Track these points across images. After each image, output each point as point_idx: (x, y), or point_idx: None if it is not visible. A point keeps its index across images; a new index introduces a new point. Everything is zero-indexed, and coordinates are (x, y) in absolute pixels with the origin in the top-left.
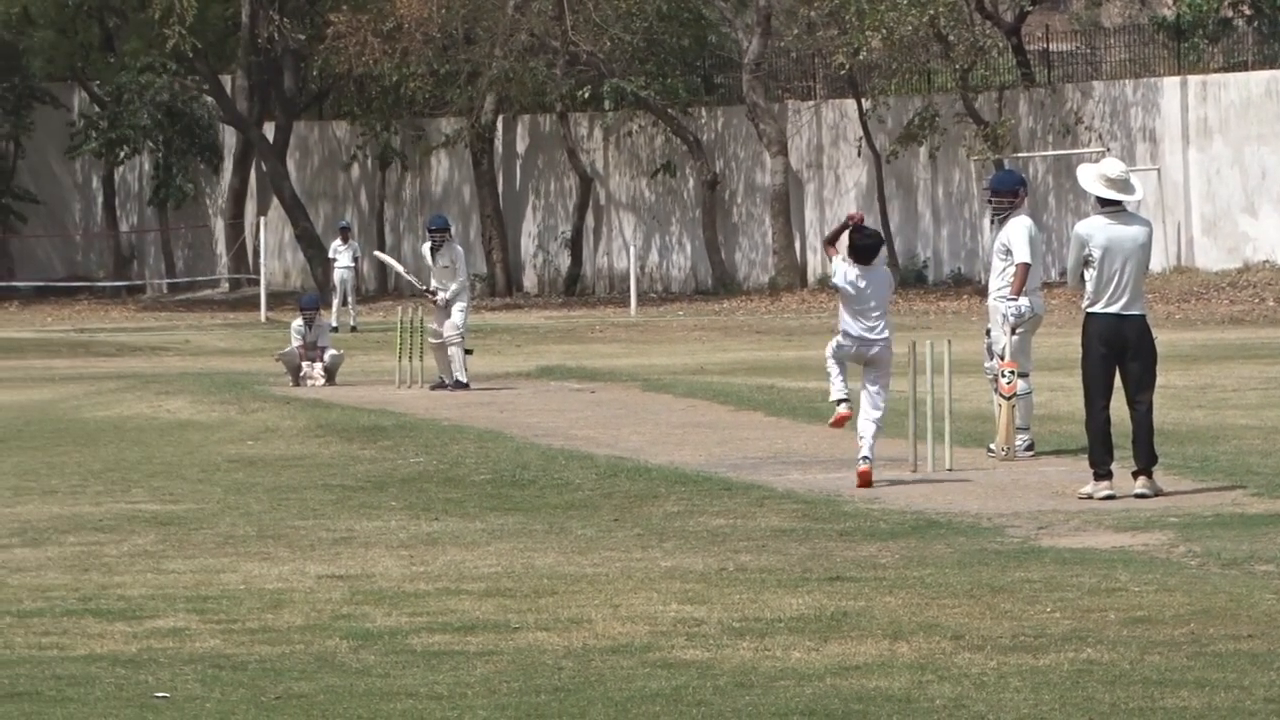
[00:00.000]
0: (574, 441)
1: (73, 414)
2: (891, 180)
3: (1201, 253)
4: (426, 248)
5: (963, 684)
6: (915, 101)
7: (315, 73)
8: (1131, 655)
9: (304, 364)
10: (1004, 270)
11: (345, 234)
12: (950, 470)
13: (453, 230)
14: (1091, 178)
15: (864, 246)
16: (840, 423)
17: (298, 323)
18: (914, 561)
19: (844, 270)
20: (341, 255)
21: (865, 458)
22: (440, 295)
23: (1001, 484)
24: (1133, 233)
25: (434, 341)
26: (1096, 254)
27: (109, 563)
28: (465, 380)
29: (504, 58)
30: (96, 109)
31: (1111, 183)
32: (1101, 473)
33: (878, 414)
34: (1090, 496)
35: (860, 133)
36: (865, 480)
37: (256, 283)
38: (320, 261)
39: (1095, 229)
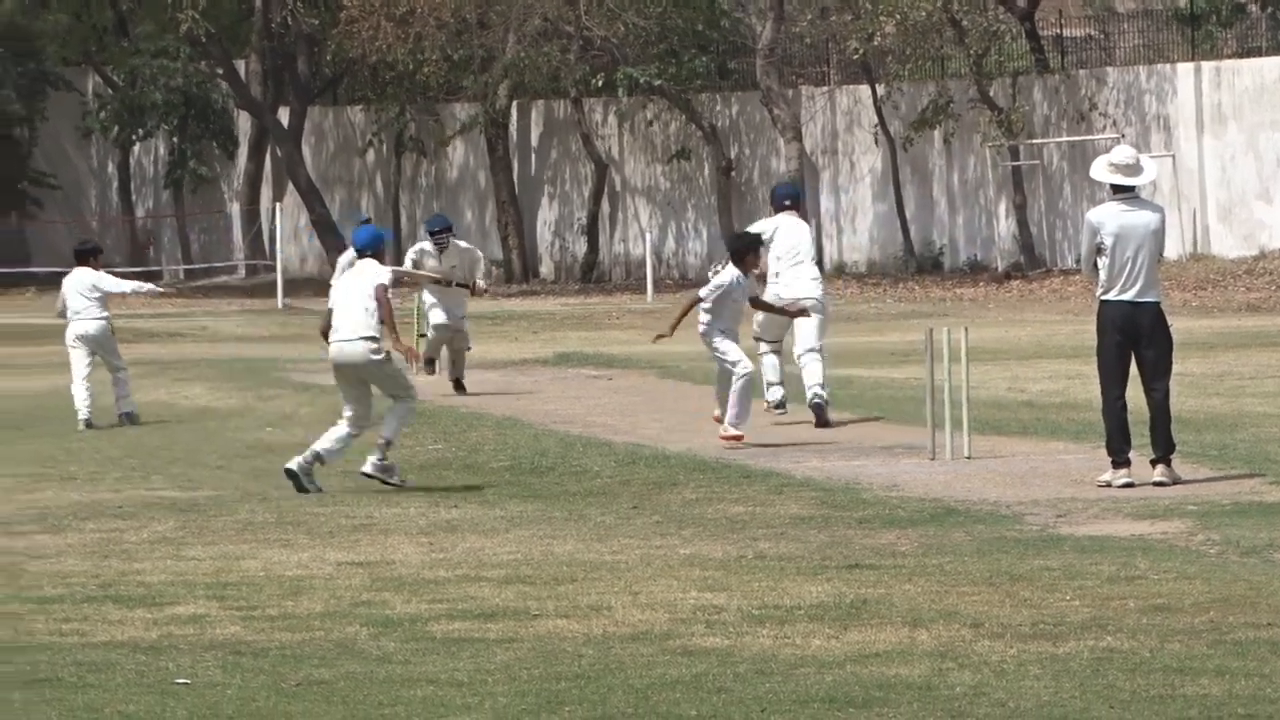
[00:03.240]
0: (592, 429)
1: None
2: (906, 166)
3: (1217, 240)
4: (426, 248)
5: (982, 672)
6: (930, 87)
7: (329, 58)
8: (1151, 643)
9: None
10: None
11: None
12: (969, 458)
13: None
14: (1100, 167)
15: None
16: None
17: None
18: (933, 549)
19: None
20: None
21: None
22: (481, 283)
23: (1020, 472)
24: (1145, 219)
25: (446, 325)
26: (1109, 241)
27: (129, 549)
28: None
29: (518, 43)
30: (110, 92)
31: (1118, 168)
32: (1120, 460)
33: None
34: (1109, 484)
35: (875, 119)
36: None
37: (273, 269)
38: (336, 248)
39: (1107, 216)
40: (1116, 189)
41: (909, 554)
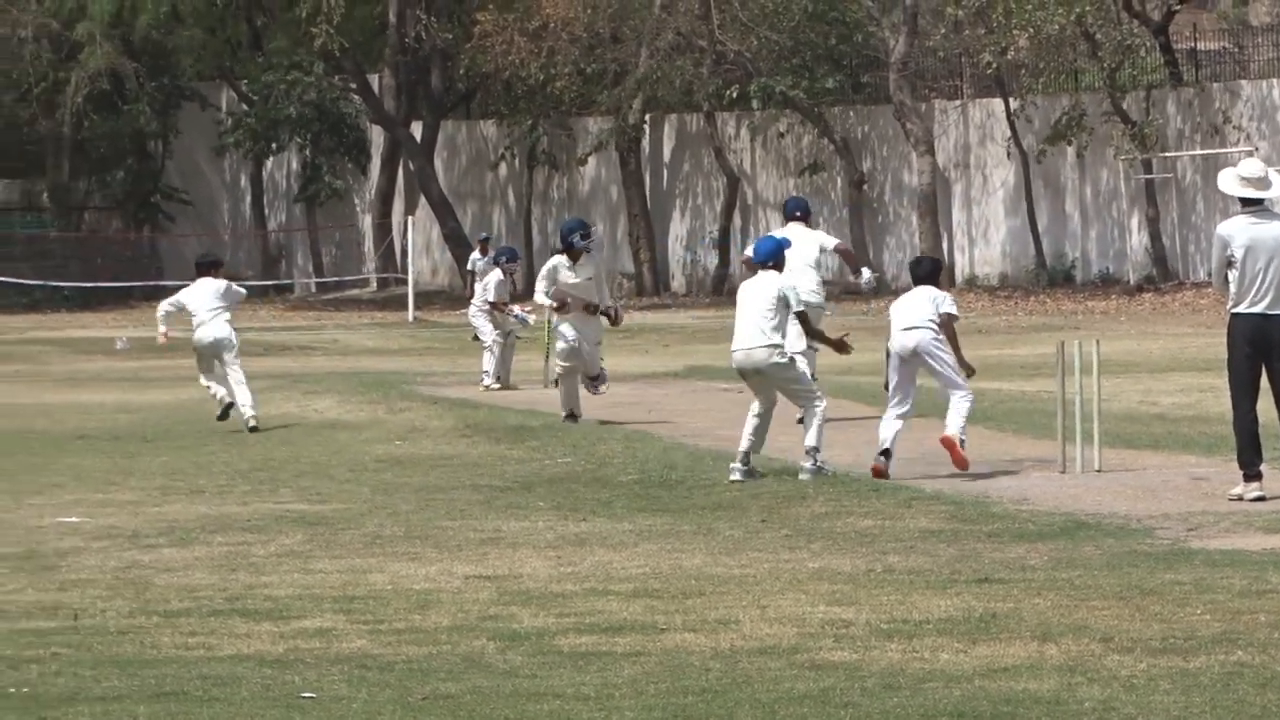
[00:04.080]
0: (721, 442)
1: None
2: (1039, 180)
3: None
4: (560, 262)
5: (1112, 686)
6: (1063, 101)
7: (462, 72)
8: None
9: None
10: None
11: (485, 246)
12: (1099, 471)
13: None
14: (1229, 180)
15: None
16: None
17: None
18: (1063, 563)
19: None
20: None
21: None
22: (617, 309)
23: (1151, 485)
24: (1275, 231)
25: (567, 366)
26: (1239, 254)
27: (256, 563)
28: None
29: (650, 57)
30: (244, 107)
31: (1248, 182)
32: (1251, 474)
33: None
34: (1240, 498)
35: (1008, 132)
36: None
37: (404, 282)
38: (465, 261)
39: (1236, 229)
40: (1246, 202)
41: (1038, 568)
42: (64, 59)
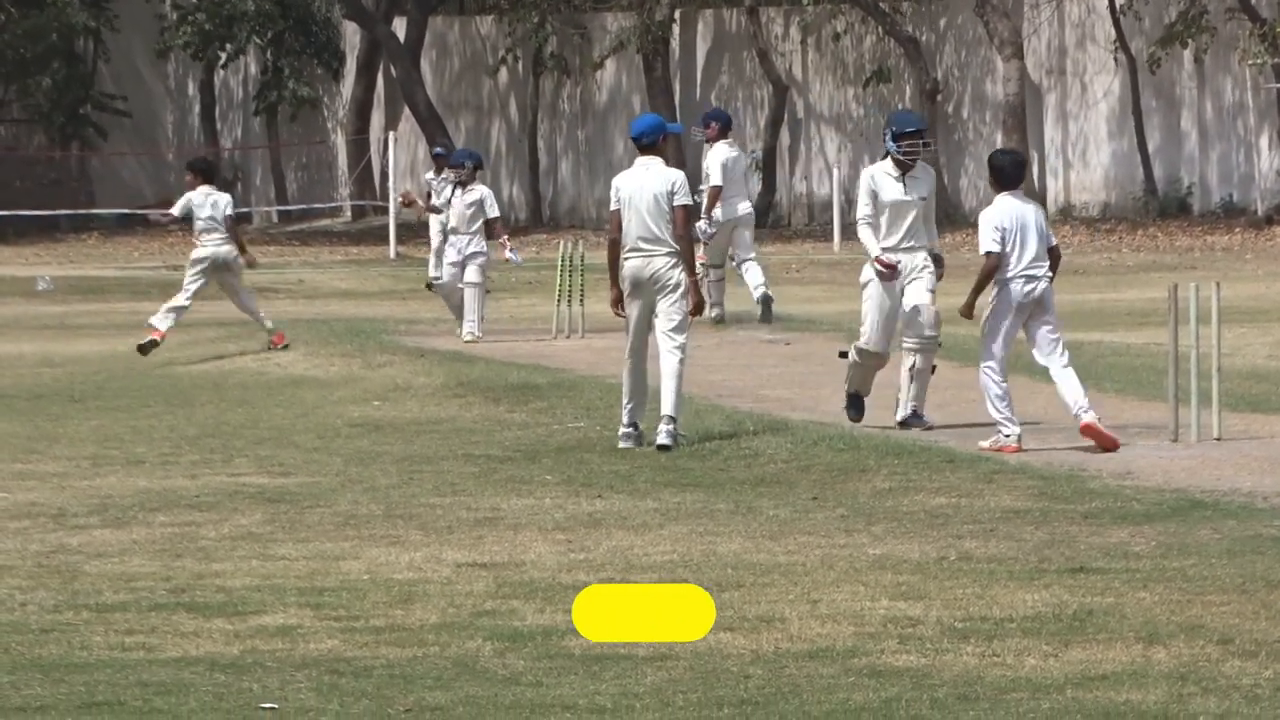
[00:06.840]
0: (765, 404)
1: (163, 368)
2: (1149, 90)
3: None
4: (886, 171)
5: (1231, 697)
6: None
7: None
8: None
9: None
10: None
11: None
12: (1219, 439)
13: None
14: None
15: None
16: None
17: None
18: (1173, 550)
19: None
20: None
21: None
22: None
23: None
24: None
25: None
26: None
27: (206, 547)
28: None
29: None
30: (192, 0)
31: None
32: None
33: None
34: None
35: (1112, 33)
36: None
37: (384, 211)
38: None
39: None
40: None
41: (1144, 555)
42: None
